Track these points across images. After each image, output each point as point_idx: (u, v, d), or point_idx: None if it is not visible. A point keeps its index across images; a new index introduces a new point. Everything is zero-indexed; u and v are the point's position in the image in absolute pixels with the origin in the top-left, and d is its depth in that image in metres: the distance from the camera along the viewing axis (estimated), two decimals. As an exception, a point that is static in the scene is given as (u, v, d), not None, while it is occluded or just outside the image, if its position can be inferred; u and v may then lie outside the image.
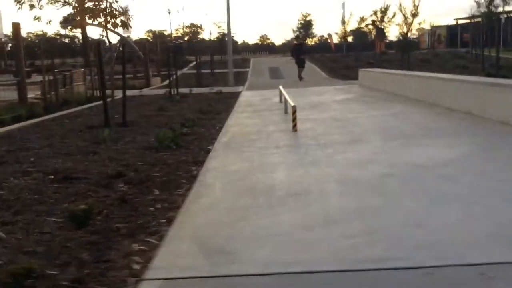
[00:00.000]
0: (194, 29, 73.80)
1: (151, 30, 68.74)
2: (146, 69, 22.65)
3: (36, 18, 11.84)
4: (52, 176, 4.85)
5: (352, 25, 39.25)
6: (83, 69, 18.84)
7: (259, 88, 18.52)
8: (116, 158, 5.76)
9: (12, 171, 5.15)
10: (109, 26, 8.04)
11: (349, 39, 46.72)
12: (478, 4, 23.00)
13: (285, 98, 9.71)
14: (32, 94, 13.89)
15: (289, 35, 71.85)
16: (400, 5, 23.85)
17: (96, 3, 7.67)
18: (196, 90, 17.05)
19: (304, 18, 73.04)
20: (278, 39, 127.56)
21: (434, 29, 52.55)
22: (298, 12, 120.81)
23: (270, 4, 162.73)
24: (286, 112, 9.60)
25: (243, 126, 8.27)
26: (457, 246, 2.75)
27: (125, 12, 7.90)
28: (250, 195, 4.03)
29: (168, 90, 15.79)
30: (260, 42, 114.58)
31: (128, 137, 7.36)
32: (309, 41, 73.03)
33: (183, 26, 56.54)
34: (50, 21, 16.21)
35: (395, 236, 2.95)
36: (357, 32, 44.82)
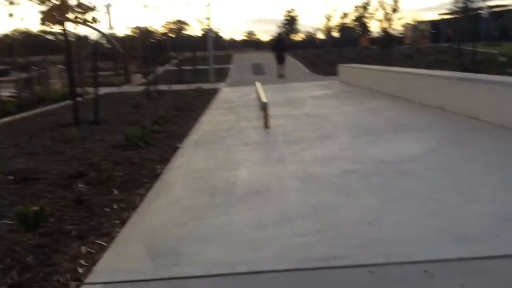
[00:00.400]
0: (180, 25, 73.28)
1: (137, 27, 68.02)
2: (126, 66, 22.41)
3: (11, 15, 11.61)
4: (12, 177, 4.76)
5: (335, 21, 39.25)
6: (59, 66, 18.56)
7: (240, 84, 18.44)
8: (80, 157, 5.67)
9: (-29, 172, 5.04)
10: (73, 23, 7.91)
11: (336, 34, 46.89)
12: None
13: (263, 95, 9.66)
14: (7, 92, 13.68)
15: (275, 32, 71.57)
16: (381, 0, 23.83)
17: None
18: (176, 87, 16.89)
19: (288, 14, 73.15)
20: (264, 35, 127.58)
21: (418, 24, 52.97)
22: (284, 8, 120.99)
23: (256, 0, 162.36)
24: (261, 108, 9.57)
25: (216, 123, 8.21)
26: (404, 244, 2.73)
27: (92, 8, 7.78)
28: (209, 194, 3.98)
29: (146, 88, 15.60)
30: (247, 39, 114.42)
31: (97, 135, 7.26)
32: (294, 37, 73.14)
33: (169, 22, 55.95)
34: (22, 18, 15.82)
35: (345, 234, 2.93)
36: (342, 28, 45.01)
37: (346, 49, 38.27)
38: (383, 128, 6.61)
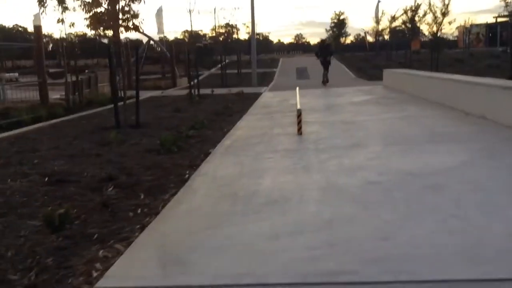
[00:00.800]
0: (229, 29, 73.92)
1: (187, 31, 69.33)
2: (173, 70, 22.89)
3: (60, 21, 12.15)
4: (47, 178, 4.99)
5: (384, 24, 38.49)
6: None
7: (282, 89, 18.47)
8: (115, 160, 5.87)
9: (12, 172, 5.32)
10: (121, 29, 8.22)
11: (386, 37, 45.94)
12: (506, 3, 22.15)
13: (299, 101, 9.66)
14: (58, 95, 14.34)
15: (324, 35, 71.08)
16: (430, 3, 23.16)
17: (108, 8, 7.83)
18: (218, 91, 17.13)
19: (338, 17, 72.42)
20: (313, 39, 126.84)
21: (471, 27, 51.16)
22: (333, 10, 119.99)
23: (306, 4, 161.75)
24: (298, 114, 9.55)
25: (250, 129, 8.26)
26: (416, 262, 2.66)
27: (136, 15, 8.03)
28: (230, 201, 4.02)
29: (189, 91, 15.89)
30: (294, 42, 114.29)
31: (135, 139, 7.48)
32: (343, 40, 72.27)
33: (219, 26, 56.39)
34: (73, 24, 16.45)
35: (357, 249, 2.89)
36: (393, 31, 44.04)
37: (395, 52, 37.49)
38: (417, 137, 6.44)
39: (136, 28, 8.10)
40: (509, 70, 15.66)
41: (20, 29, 67.75)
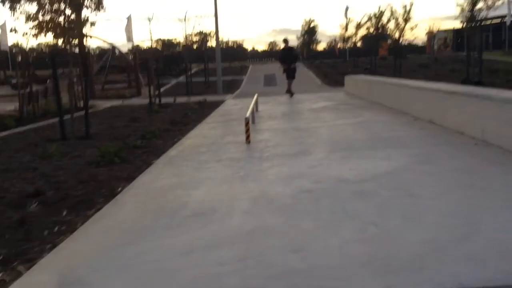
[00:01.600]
0: (203, 36, 73.30)
1: (159, 39, 68.70)
2: (137, 78, 22.60)
3: (12, 30, 11.77)
4: (-29, 196, 4.75)
5: (350, 31, 38.93)
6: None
7: (247, 96, 18.32)
8: (50, 174, 5.65)
9: None
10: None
11: (358, 44, 46.35)
12: (462, 9, 22.68)
13: (252, 108, 9.58)
14: (13, 106, 13.92)
15: (295, 42, 71.43)
16: (392, 10, 23.51)
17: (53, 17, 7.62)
18: (182, 99, 16.92)
19: (308, 24, 73.07)
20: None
21: (437, 33, 52.24)
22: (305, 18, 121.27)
23: (278, 11, 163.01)
24: (253, 122, 9.47)
25: (201, 137, 8.13)
26: (321, 274, 2.57)
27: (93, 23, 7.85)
28: (155, 215, 3.88)
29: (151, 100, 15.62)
30: (268, 49, 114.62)
31: (78, 151, 7.26)
32: (314, 46, 72.81)
33: (192, 34, 55.83)
34: (26, 33, 15.91)
35: (266, 263, 2.78)
36: (364, 37, 44.48)
37: (364, 59, 37.88)
38: (363, 143, 6.41)
39: (92, 37, 7.89)
40: (470, 74, 15.94)
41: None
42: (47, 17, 7.70)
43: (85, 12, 15.72)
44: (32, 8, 13.12)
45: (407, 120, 8.29)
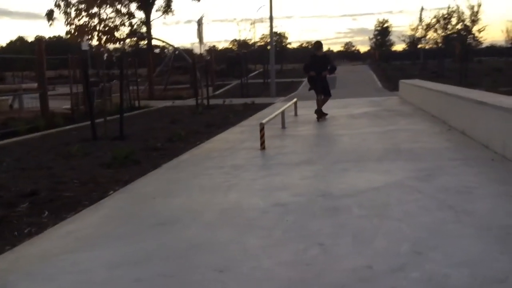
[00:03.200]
0: (278, 37, 73.20)
1: (235, 40, 69.67)
2: (194, 79, 23.04)
3: (68, 33, 12.44)
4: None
5: (420, 32, 37.32)
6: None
7: (300, 98, 18.15)
8: (58, 174, 5.89)
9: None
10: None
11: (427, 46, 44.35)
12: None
13: (281, 113, 9.47)
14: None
15: (367, 42, 69.66)
16: (459, 11, 22.23)
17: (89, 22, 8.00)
18: (235, 101, 17.02)
19: (381, 25, 71.07)
20: (363, 47, 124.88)
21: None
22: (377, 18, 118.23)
23: (357, 11, 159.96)
24: (283, 126, 9.34)
25: (223, 142, 8.13)
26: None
27: (116, 28, 8.16)
28: (119, 223, 3.93)
29: (197, 101, 15.87)
30: (344, 50, 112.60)
31: (101, 151, 7.51)
32: (388, 48, 70.35)
33: (266, 35, 56.06)
34: (99, 34, 16.71)
35: (195, 279, 2.70)
36: (447, 38, 42.41)
37: (444, 61, 36.07)
38: (375, 154, 6.09)
39: (116, 40, 8.23)
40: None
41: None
42: (118, 21, 8.14)
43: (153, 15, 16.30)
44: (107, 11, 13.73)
45: (440, 130, 7.78)
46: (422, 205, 3.83)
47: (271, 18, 20.65)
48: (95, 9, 10.28)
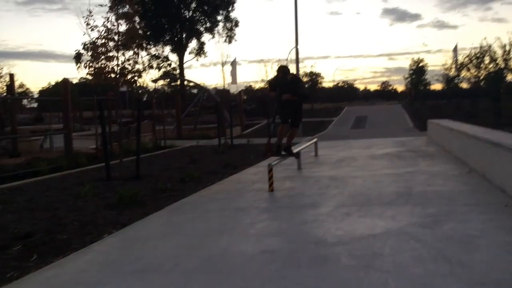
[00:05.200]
0: (313, 77, 73.53)
1: (262, 79, 70.69)
2: (220, 119, 23.26)
3: (87, 75, 12.45)
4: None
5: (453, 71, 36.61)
6: (152, 121, 19.89)
7: (328, 138, 17.99)
8: (62, 215, 5.88)
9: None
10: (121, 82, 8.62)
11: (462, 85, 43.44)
12: None
13: (297, 152, 9.29)
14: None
15: (402, 81, 69.16)
16: (490, 50, 21.76)
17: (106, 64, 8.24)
18: (257, 141, 16.98)
19: (416, 64, 70.56)
20: (400, 86, 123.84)
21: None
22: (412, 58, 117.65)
23: (394, 51, 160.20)
24: (299, 167, 9.16)
25: (234, 183, 8.00)
26: None
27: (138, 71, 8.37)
28: (100, 269, 3.82)
29: (222, 141, 15.89)
30: (380, 89, 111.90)
31: (112, 192, 7.51)
32: (427, 87, 69.22)
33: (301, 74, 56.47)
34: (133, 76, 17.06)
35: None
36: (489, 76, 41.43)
37: (469, 100, 35.30)
38: (384, 198, 5.82)
39: (134, 82, 8.43)
40: None
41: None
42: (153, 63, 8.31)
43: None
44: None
45: (459, 172, 7.42)
46: (416, 255, 3.57)
47: (297, 59, 20.81)
48: (130, 52, 10.64)
